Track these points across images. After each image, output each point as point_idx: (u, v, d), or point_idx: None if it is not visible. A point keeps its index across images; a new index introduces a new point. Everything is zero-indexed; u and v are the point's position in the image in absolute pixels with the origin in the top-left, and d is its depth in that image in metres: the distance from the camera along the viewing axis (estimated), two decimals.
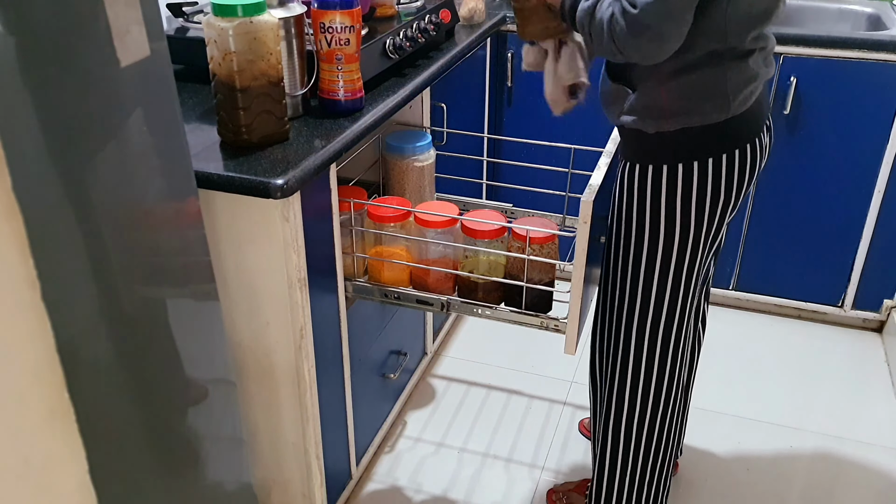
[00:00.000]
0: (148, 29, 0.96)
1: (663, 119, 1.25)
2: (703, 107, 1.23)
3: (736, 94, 1.23)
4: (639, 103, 1.26)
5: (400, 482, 1.87)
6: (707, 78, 1.21)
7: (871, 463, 1.94)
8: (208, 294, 1.18)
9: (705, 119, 1.24)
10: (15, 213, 0.81)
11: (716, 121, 1.24)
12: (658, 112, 1.25)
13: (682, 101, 1.23)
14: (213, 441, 1.24)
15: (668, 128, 1.25)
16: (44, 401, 0.88)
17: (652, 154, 1.29)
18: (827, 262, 2.31)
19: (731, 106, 1.23)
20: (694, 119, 1.24)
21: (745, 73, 1.23)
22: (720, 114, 1.23)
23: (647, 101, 1.25)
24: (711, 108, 1.23)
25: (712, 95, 1.22)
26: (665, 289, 1.37)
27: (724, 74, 1.21)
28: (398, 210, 1.50)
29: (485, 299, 1.51)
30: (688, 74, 1.21)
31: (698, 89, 1.22)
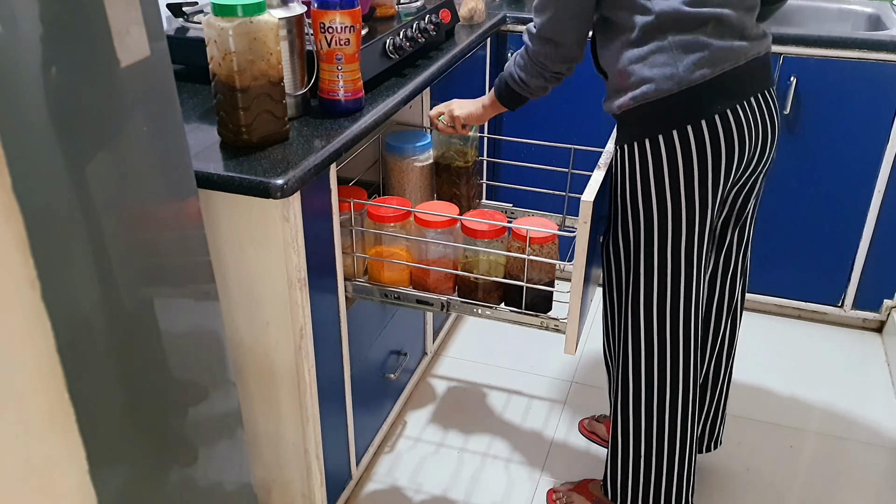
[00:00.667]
0: (148, 29, 0.96)
1: (624, 95, 1.32)
2: (652, 79, 1.28)
3: (682, 64, 1.26)
4: (610, 86, 1.37)
5: (400, 482, 1.87)
6: (651, 50, 1.28)
7: (871, 463, 1.94)
8: (208, 294, 1.18)
9: (658, 92, 1.28)
10: (15, 213, 0.81)
11: (667, 92, 1.28)
12: (619, 90, 1.33)
13: (633, 75, 1.30)
14: (213, 441, 1.24)
15: (629, 104, 1.32)
16: (44, 401, 0.88)
17: (624, 133, 1.36)
18: (827, 262, 2.31)
19: (679, 76, 1.27)
20: (647, 93, 1.29)
21: (692, 45, 1.27)
22: (669, 85, 1.27)
23: (613, 83, 1.36)
24: (659, 79, 1.28)
25: (658, 66, 1.28)
26: (656, 268, 1.39)
27: (669, 45, 1.27)
28: (398, 210, 1.50)
29: (485, 299, 1.51)
30: (633, 48, 1.29)
31: (645, 62, 1.29)
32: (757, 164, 1.40)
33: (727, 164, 1.33)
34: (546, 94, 1.50)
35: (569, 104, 2.30)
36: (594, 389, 2.16)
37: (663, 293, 1.40)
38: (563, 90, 2.30)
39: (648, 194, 1.35)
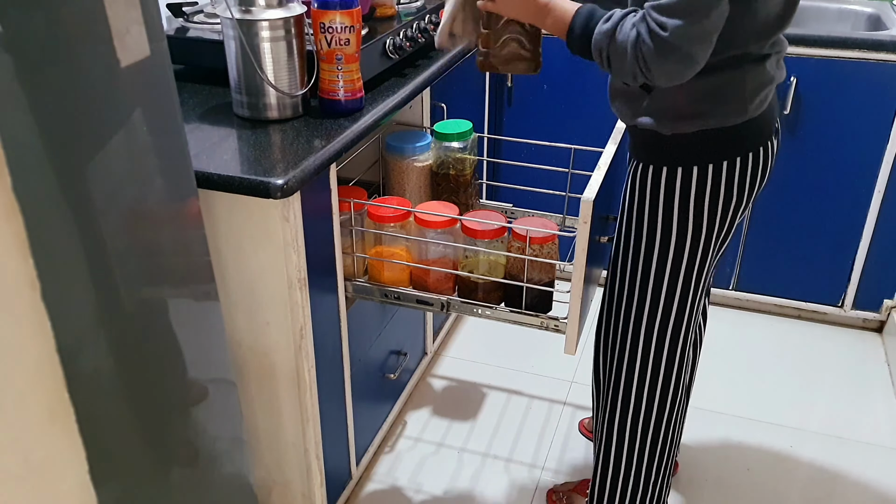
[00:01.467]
0: (148, 29, 0.96)
1: (680, 121, 1.25)
2: (720, 109, 1.23)
3: (753, 97, 1.23)
4: (655, 105, 1.26)
5: (400, 482, 1.87)
6: (726, 81, 1.21)
7: (871, 463, 1.94)
8: (208, 294, 1.18)
9: (723, 122, 1.24)
10: (15, 213, 0.81)
11: (733, 123, 1.24)
12: (675, 114, 1.25)
13: (700, 103, 1.23)
14: (213, 441, 1.24)
15: (685, 129, 1.25)
16: (44, 401, 0.88)
17: (667, 155, 1.29)
18: (827, 262, 2.31)
19: (748, 109, 1.24)
20: (711, 121, 1.24)
21: (762, 77, 1.24)
22: (737, 117, 1.24)
23: (664, 104, 1.25)
24: (729, 110, 1.23)
25: (730, 98, 1.23)
26: (675, 289, 1.37)
27: (743, 78, 1.22)
28: (398, 210, 1.50)
29: (485, 299, 1.51)
30: (706, 77, 1.19)
31: (716, 92, 1.22)
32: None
33: (758, 190, 1.33)
34: None
35: (569, 104, 2.30)
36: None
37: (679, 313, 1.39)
38: (563, 90, 2.31)
39: (685, 218, 1.31)
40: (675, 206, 1.31)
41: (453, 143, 1.65)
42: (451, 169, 1.66)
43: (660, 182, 1.31)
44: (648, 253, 1.37)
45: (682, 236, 1.33)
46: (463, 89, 2.09)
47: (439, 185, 1.69)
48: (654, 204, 1.33)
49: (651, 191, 1.32)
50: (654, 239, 1.35)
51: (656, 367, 1.43)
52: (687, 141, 1.26)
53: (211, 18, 1.72)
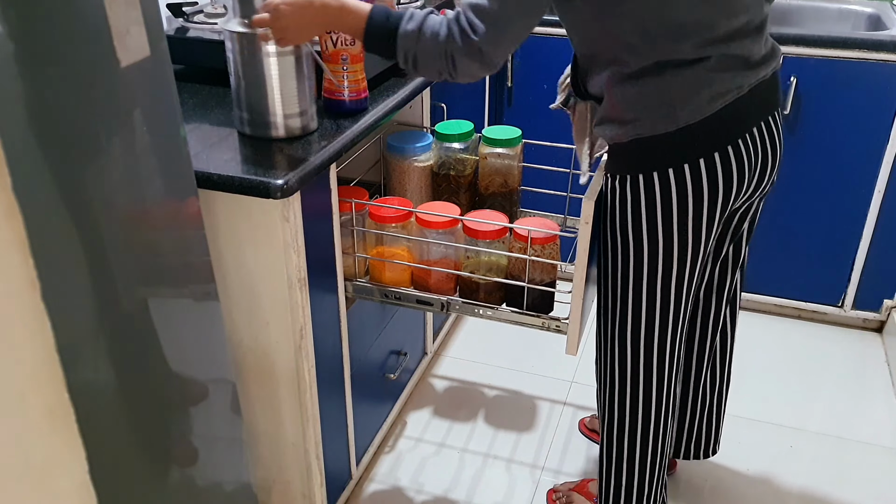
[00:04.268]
0: (148, 29, 0.96)
1: (617, 128, 1.24)
2: (648, 117, 1.21)
3: (683, 103, 1.19)
4: (602, 113, 1.27)
5: (400, 482, 1.87)
6: (649, 88, 1.19)
7: (871, 463, 1.94)
8: (208, 294, 1.18)
9: (652, 129, 1.21)
10: (15, 213, 0.80)
11: (664, 131, 1.21)
12: (612, 121, 1.25)
13: (629, 111, 1.22)
14: (213, 441, 1.24)
15: (622, 138, 1.24)
16: (44, 401, 0.88)
17: (618, 164, 1.29)
18: (827, 262, 2.31)
19: (677, 115, 1.19)
20: (642, 129, 1.22)
21: (694, 82, 1.18)
22: (667, 125, 1.20)
23: (604, 112, 1.26)
24: (656, 117, 1.20)
25: (655, 105, 1.20)
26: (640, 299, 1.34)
27: (668, 84, 1.18)
28: (399, 210, 1.50)
29: (486, 300, 1.51)
30: (630, 84, 1.20)
31: (641, 100, 1.20)
32: (755, 191, 1.34)
33: (724, 199, 1.26)
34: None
35: None
36: (594, 389, 2.16)
37: (651, 323, 1.36)
38: None
39: (639, 229, 1.28)
40: (629, 216, 1.29)
41: (454, 144, 1.65)
42: (451, 169, 1.66)
43: (615, 190, 1.30)
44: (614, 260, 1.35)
45: (639, 246, 1.30)
46: (463, 89, 2.09)
47: (440, 186, 1.69)
48: (612, 212, 1.32)
49: (610, 199, 1.32)
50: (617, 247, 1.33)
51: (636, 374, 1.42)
52: (627, 149, 1.25)
53: (211, 18, 1.72)
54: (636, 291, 1.34)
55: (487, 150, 1.65)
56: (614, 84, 1.22)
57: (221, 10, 1.74)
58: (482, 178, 1.68)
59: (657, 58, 1.17)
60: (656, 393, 1.43)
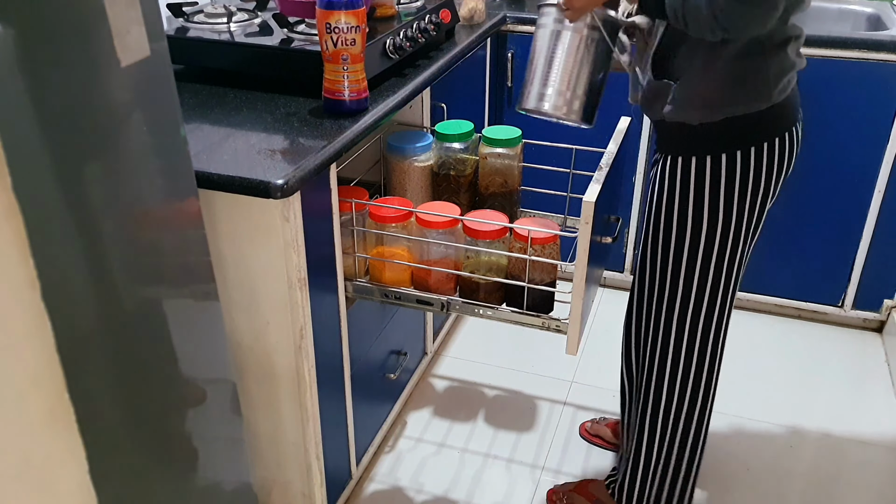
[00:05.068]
0: (148, 29, 0.96)
1: (707, 109, 1.27)
2: (745, 96, 1.25)
3: (776, 82, 1.25)
4: (682, 95, 1.28)
5: (400, 482, 1.87)
6: (748, 67, 1.23)
7: (871, 463, 1.94)
8: (208, 294, 1.18)
9: (748, 108, 1.26)
10: (15, 213, 0.80)
11: (757, 109, 1.26)
12: (701, 102, 1.27)
13: (725, 90, 1.25)
14: (213, 441, 1.24)
15: (713, 118, 1.27)
16: (44, 401, 0.88)
17: (696, 145, 1.31)
18: (827, 262, 2.31)
19: (772, 94, 1.25)
20: (738, 108, 1.26)
21: (784, 62, 1.25)
22: (762, 102, 1.25)
23: (691, 93, 1.27)
24: (754, 96, 1.25)
25: (755, 84, 1.24)
26: (706, 279, 1.38)
27: (766, 63, 1.23)
28: (400, 210, 1.50)
29: (486, 300, 1.51)
30: (730, 64, 1.23)
31: (740, 78, 1.24)
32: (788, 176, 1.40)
33: (785, 178, 1.34)
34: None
35: None
36: (594, 389, 2.16)
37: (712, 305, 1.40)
38: None
39: (716, 207, 1.32)
40: (706, 195, 1.32)
41: (454, 144, 1.65)
42: (451, 169, 1.66)
43: (689, 173, 1.32)
44: (679, 246, 1.37)
45: (713, 226, 1.34)
46: (463, 89, 2.09)
47: (440, 186, 1.69)
48: (684, 195, 1.34)
49: (681, 182, 1.33)
50: (685, 231, 1.36)
51: (690, 361, 1.44)
52: (714, 129, 1.28)
53: (211, 18, 1.72)
54: (703, 271, 1.38)
55: (487, 150, 1.65)
56: (711, 64, 1.23)
57: (221, 10, 1.74)
58: (482, 178, 1.68)
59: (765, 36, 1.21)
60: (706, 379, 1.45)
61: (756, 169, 1.29)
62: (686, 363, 1.45)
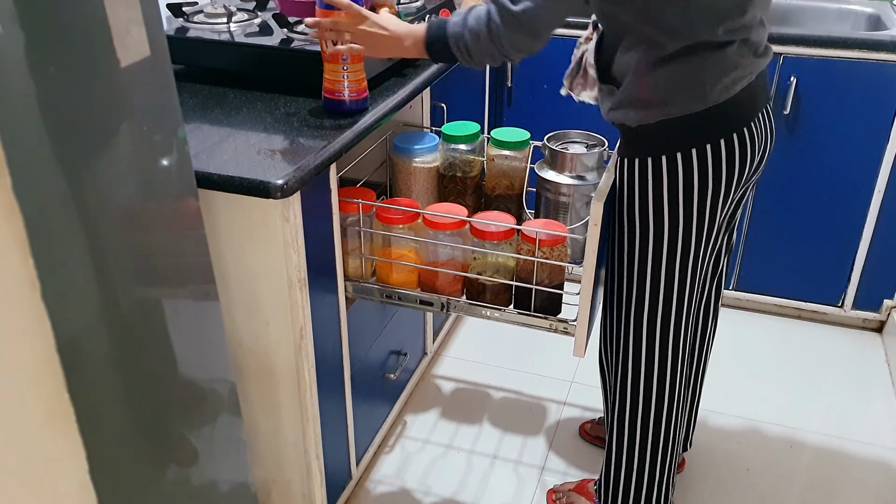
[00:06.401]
0: (148, 29, 0.96)
1: (644, 110, 1.28)
2: (680, 97, 1.25)
3: (713, 83, 1.24)
4: (623, 97, 1.30)
5: (400, 482, 1.87)
6: (683, 69, 1.24)
7: (871, 463, 1.94)
8: (208, 294, 1.18)
9: (685, 109, 1.26)
10: (15, 213, 0.80)
11: (694, 110, 1.26)
12: (638, 104, 1.28)
13: (660, 92, 1.26)
14: (213, 441, 1.24)
15: (649, 119, 1.28)
16: (44, 401, 0.88)
17: (638, 147, 1.32)
18: (827, 262, 2.31)
19: (707, 95, 1.25)
20: (673, 109, 1.26)
21: (723, 63, 1.24)
22: (698, 103, 1.25)
23: (629, 95, 1.29)
24: (689, 97, 1.25)
25: (689, 86, 1.25)
26: (659, 282, 1.38)
27: (701, 65, 1.23)
28: (407, 212, 1.50)
29: (493, 301, 1.51)
30: (664, 66, 1.24)
31: (675, 80, 1.25)
32: (752, 176, 1.39)
33: (738, 179, 1.32)
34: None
35: (570, 104, 2.30)
36: (594, 389, 2.16)
37: (668, 306, 1.40)
38: None
39: (661, 210, 1.32)
40: (650, 197, 1.32)
41: (461, 146, 1.64)
42: (458, 171, 1.66)
43: (634, 174, 1.33)
44: (631, 245, 1.38)
45: (659, 229, 1.34)
46: (463, 89, 2.09)
47: (446, 188, 1.69)
48: (631, 197, 1.35)
49: (628, 184, 1.35)
50: (635, 231, 1.37)
51: (651, 362, 1.44)
52: (652, 131, 1.29)
53: (211, 18, 1.72)
54: (654, 273, 1.38)
55: (495, 151, 1.65)
56: (646, 66, 1.25)
57: (221, 10, 1.74)
58: (488, 179, 1.68)
59: (694, 40, 1.22)
60: (670, 379, 1.45)
61: (700, 170, 1.28)
62: (647, 365, 1.45)
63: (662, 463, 1.53)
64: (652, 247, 1.36)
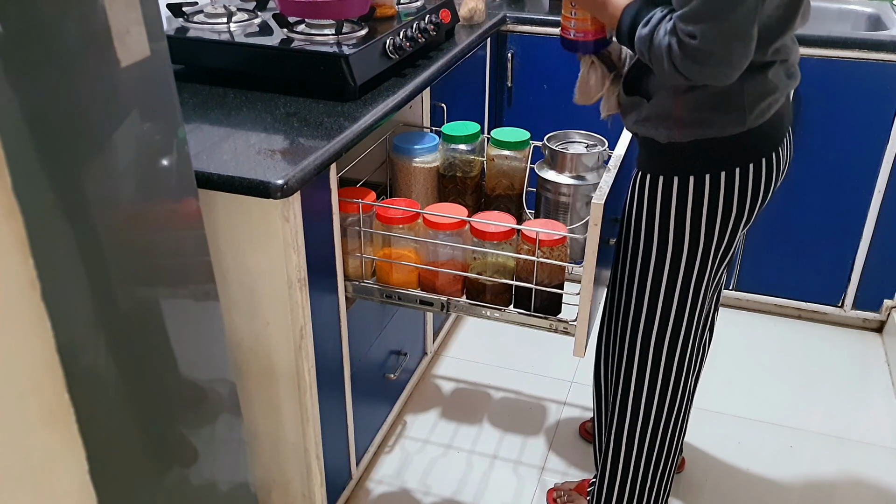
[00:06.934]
0: (148, 29, 0.96)
1: (676, 129, 1.24)
2: (718, 119, 1.21)
3: (753, 107, 1.20)
4: (652, 112, 1.26)
5: (400, 482, 1.87)
6: (723, 90, 1.18)
7: (871, 463, 1.94)
8: (208, 294, 1.18)
9: (721, 131, 1.22)
10: (15, 213, 0.80)
11: (731, 133, 1.22)
12: (671, 122, 1.24)
13: (697, 112, 1.22)
14: (213, 441, 1.24)
15: (681, 138, 1.24)
16: (44, 401, 0.88)
17: (665, 165, 1.28)
18: (827, 262, 2.31)
19: (747, 119, 1.21)
20: (709, 131, 1.22)
21: (764, 86, 1.21)
22: (736, 127, 1.21)
23: (661, 111, 1.25)
24: (727, 120, 1.21)
25: (728, 108, 1.20)
26: (672, 301, 1.37)
27: (742, 87, 1.19)
28: (407, 212, 1.50)
29: (493, 301, 1.50)
30: (704, 86, 1.19)
31: (714, 101, 1.20)
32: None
33: (762, 202, 1.30)
34: None
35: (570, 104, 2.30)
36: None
37: (678, 322, 1.39)
38: (563, 90, 2.30)
39: (682, 230, 1.30)
40: (672, 217, 1.30)
41: (461, 146, 1.64)
42: (458, 171, 1.66)
43: (656, 191, 1.30)
44: (646, 262, 1.36)
45: (679, 248, 1.32)
46: (463, 89, 2.09)
47: (446, 188, 1.69)
48: (651, 213, 1.32)
49: (649, 200, 1.32)
50: (651, 249, 1.34)
51: (654, 377, 1.43)
52: (683, 150, 1.25)
53: (211, 18, 1.72)
54: (668, 291, 1.36)
55: (495, 151, 1.64)
56: (685, 85, 1.19)
57: (221, 10, 1.74)
58: (489, 179, 1.68)
59: None
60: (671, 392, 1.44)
61: (727, 194, 1.26)
62: (651, 378, 1.44)
63: (665, 472, 1.52)
64: (669, 265, 1.34)
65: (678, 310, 1.37)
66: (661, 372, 1.43)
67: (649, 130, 1.27)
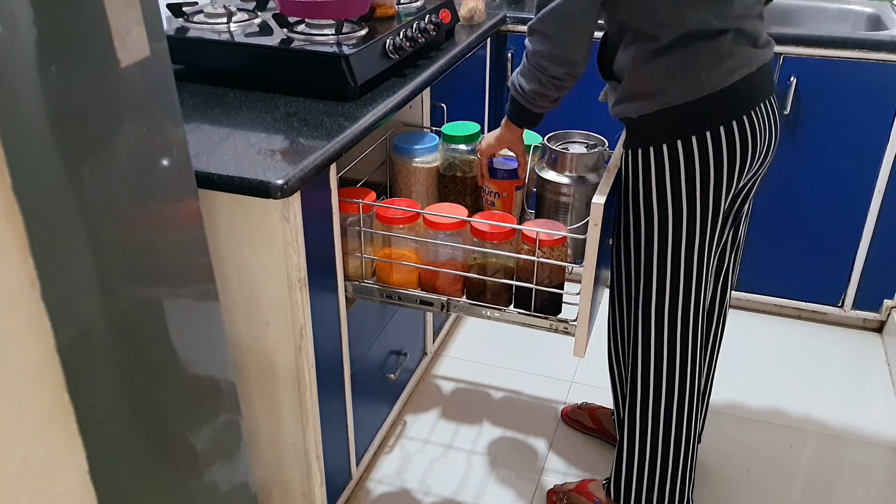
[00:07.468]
0: (148, 29, 0.96)
1: (642, 101, 1.31)
2: (676, 86, 1.28)
3: (708, 72, 1.27)
4: (624, 91, 1.34)
5: (400, 482, 1.87)
6: (678, 59, 1.27)
7: (871, 463, 1.94)
8: (208, 294, 1.18)
9: (681, 98, 1.29)
10: (15, 213, 0.81)
11: (691, 98, 1.28)
12: (638, 96, 1.32)
13: (657, 82, 1.29)
14: (213, 441, 1.24)
15: (648, 110, 1.31)
16: (44, 401, 0.88)
17: (640, 138, 1.35)
18: (827, 262, 2.31)
19: (703, 83, 1.27)
20: (670, 98, 1.29)
21: (718, 52, 1.27)
22: (695, 91, 1.28)
23: (630, 89, 1.33)
24: (684, 86, 1.28)
25: (684, 74, 1.28)
26: (665, 272, 1.39)
27: (695, 54, 1.27)
28: (407, 212, 1.50)
29: (493, 301, 1.51)
30: (660, 57, 1.28)
31: (670, 70, 1.28)
32: (759, 168, 1.41)
33: (739, 168, 1.34)
34: (549, 104, 1.41)
35: (570, 105, 2.30)
36: (594, 389, 2.16)
37: (675, 296, 1.41)
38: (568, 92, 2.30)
39: (664, 198, 1.35)
40: (653, 186, 1.35)
41: (461, 146, 1.64)
42: (458, 171, 1.66)
43: (638, 165, 1.35)
44: (637, 237, 1.40)
45: (663, 216, 1.36)
46: (463, 89, 2.09)
47: (446, 188, 1.69)
48: (636, 186, 1.37)
49: (633, 174, 1.37)
50: (640, 221, 1.38)
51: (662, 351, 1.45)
52: (651, 121, 1.32)
53: (211, 18, 1.72)
54: (661, 262, 1.39)
55: None
56: (643, 59, 1.29)
57: (221, 10, 1.74)
58: None
59: (686, 29, 1.25)
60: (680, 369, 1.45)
61: (701, 159, 1.31)
62: (657, 356, 1.46)
63: (685, 458, 1.53)
64: (657, 235, 1.37)
65: (673, 279, 1.40)
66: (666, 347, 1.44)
67: (623, 109, 1.35)
